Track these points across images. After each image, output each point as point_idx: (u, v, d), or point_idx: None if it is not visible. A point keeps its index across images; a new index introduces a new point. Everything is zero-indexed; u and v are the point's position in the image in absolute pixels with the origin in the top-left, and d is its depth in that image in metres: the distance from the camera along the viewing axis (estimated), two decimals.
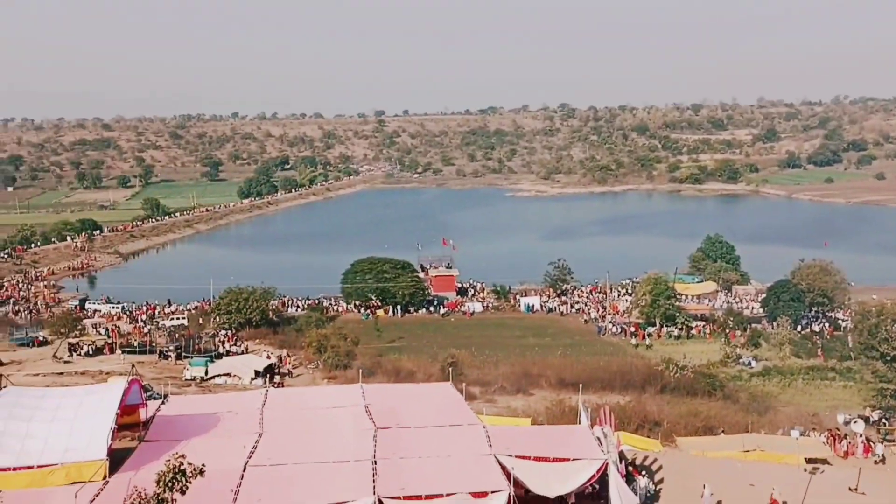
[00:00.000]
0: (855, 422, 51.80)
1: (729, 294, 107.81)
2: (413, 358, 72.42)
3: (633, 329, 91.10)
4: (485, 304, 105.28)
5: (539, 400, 57.24)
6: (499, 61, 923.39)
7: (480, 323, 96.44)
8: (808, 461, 40.63)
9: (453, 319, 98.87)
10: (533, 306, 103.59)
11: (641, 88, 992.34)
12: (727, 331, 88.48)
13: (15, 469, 27.63)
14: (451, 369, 53.34)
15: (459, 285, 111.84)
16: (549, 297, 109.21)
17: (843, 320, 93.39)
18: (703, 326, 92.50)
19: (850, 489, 36.12)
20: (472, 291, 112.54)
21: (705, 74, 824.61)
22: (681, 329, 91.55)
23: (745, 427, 49.42)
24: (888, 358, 52.46)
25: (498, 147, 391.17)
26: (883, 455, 44.75)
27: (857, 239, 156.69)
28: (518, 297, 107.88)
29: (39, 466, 28.14)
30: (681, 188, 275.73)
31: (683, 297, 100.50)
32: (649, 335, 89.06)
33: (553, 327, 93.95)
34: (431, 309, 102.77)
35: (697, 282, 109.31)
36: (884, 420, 54.10)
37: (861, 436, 47.11)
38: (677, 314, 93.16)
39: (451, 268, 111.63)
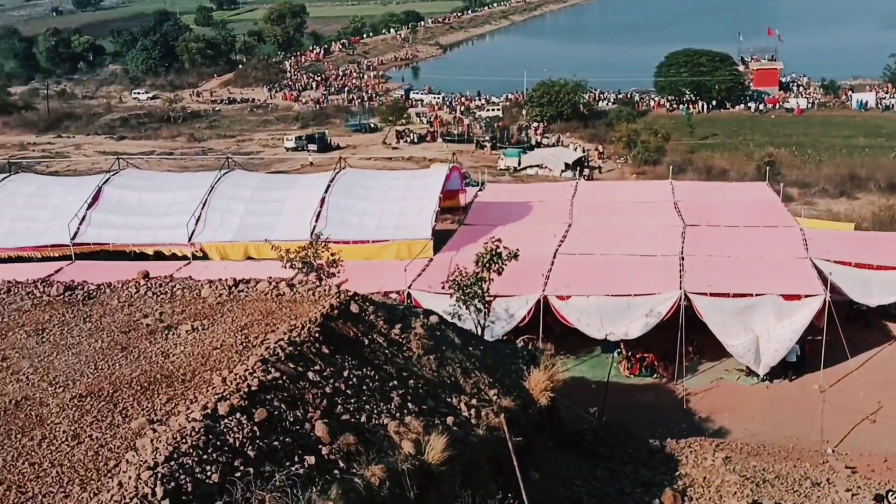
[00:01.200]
0: None
1: None
2: (727, 156, 69.63)
3: None
4: (810, 101, 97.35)
5: (865, 204, 53.19)
6: None
7: (804, 121, 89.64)
8: None
9: (774, 116, 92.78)
10: (867, 103, 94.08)
11: None
12: None
13: (354, 242, 31.03)
14: (768, 168, 50.75)
15: (783, 80, 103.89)
16: (887, 93, 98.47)
17: None
18: None
19: None
20: (797, 86, 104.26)
21: None
22: None
23: None
24: None
25: None
26: None
27: None
28: (850, 92, 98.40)
29: (374, 242, 31.41)
30: None
31: None
32: None
33: (889, 127, 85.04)
34: (751, 105, 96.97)
35: None
36: None
37: None
38: None
39: (774, 60, 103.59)
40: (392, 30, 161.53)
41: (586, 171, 65.64)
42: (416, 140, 79.26)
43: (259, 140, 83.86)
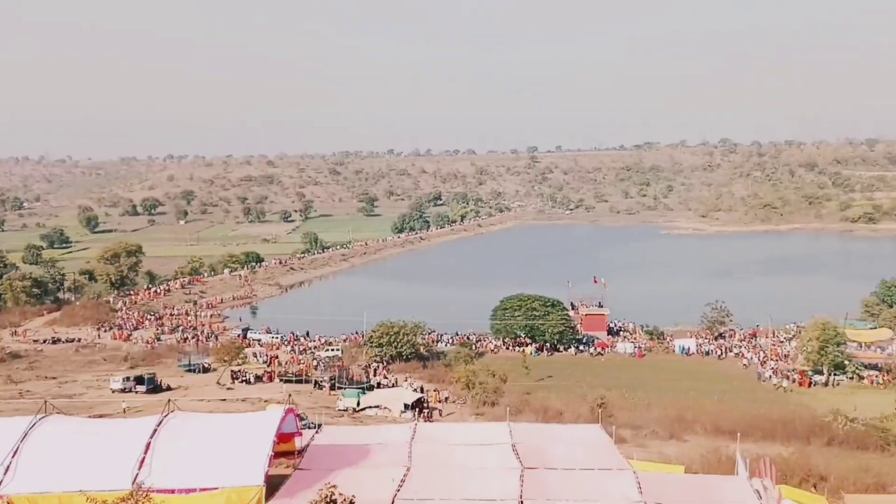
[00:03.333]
0: None
1: None
2: (562, 397, 71.67)
3: (797, 376, 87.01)
4: (637, 345, 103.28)
5: (693, 447, 55.35)
6: (655, 96, 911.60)
7: (632, 364, 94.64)
8: None
9: (603, 359, 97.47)
10: (688, 349, 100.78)
11: (810, 123, 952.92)
12: None
13: (180, 491, 29.30)
14: (600, 410, 52.60)
15: (610, 325, 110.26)
16: (705, 339, 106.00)
17: None
18: (877, 376, 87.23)
19: None
20: (624, 331, 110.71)
21: (882, 109, 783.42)
22: (851, 378, 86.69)
23: None
24: None
25: (654, 183, 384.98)
26: None
27: None
28: (672, 338, 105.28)
29: (202, 490, 29.76)
30: (853, 228, 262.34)
31: (855, 344, 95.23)
32: (815, 384, 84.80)
33: (709, 371, 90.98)
34: (581, 348, 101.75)
35: (871, 328, 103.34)
36: None
37: None
38: (847, 362, 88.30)
39: (601, 307, 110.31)
40: (232, 270, 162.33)
41: (426, 412, 65.81)
42: (251, 381, 77.69)
43: (83, 382, 79.62)
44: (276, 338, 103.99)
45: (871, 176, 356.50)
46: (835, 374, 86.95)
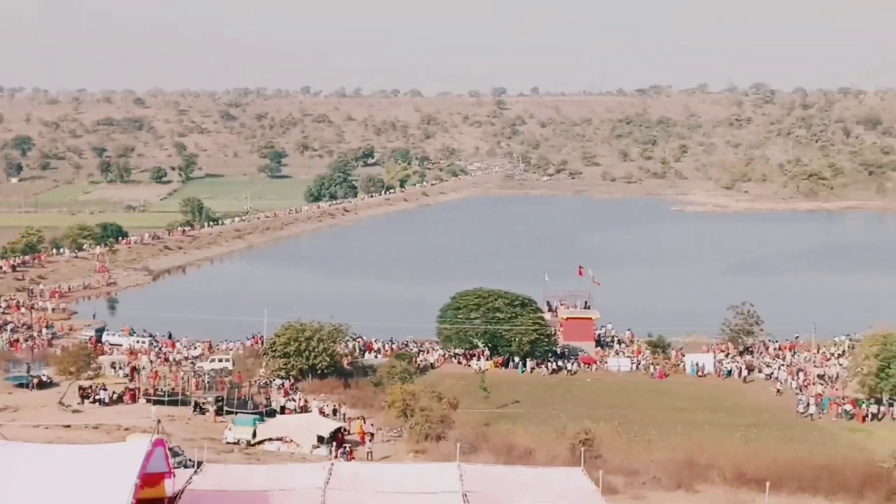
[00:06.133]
0: None
1: None
2: (532, 430, 72.19)
3: (849, 407, 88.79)
4: (635, 361, 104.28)
5: (708, 500, 56.35)
6: (666, 23, 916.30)
7: (628, 387, 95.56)
8: None
9: (590, 380, 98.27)
10: (703, 367, 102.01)
11: (872, 65, 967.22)
12: None
13: None
14: (584, 450, 53.01)
15: (599, 332, 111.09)
16: (727, 355, 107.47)
17: None
18: None
19: None
20: (618, 343, 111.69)
21: None
22: None
23: None
24: None
25: (662, 142, 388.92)
26: None
27: None
28: (682, 353, 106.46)
29: None
30: None
31: None
32: (874, 417, 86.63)
33: (731, 399, 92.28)
34: (560, 364, 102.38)
35: None
36: None
37: None
38: None
39: (588, 308, 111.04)
40: (83, 248, 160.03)
41: (346, 448, 65.76)
42: (107, 401, 76.87)
43: None
44: (143, 342, 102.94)
45: None
46: None
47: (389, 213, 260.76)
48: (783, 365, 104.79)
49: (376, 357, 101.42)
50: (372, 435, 70.21)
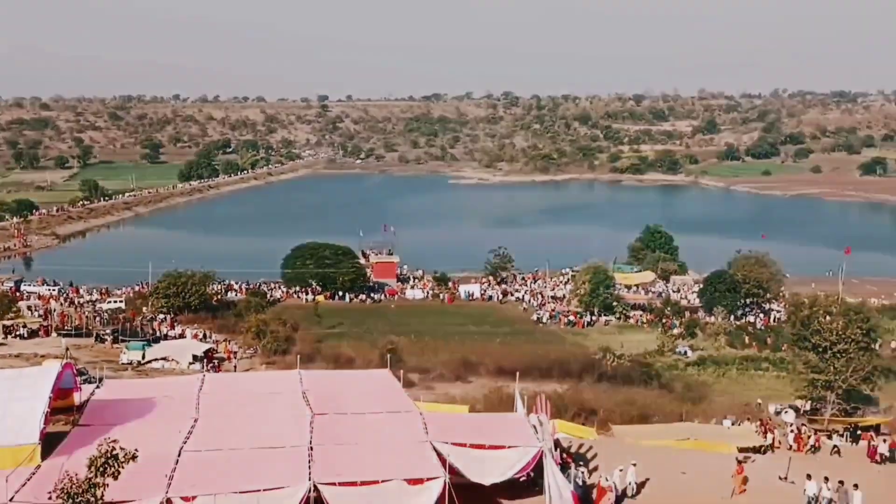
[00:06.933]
0: (786, 412, 53.10)
1: (667, 284, 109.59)
2: (353, 344, 72.22)
3: (571, 318, 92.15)
4: (425, 292, 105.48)
5: (477, 387, 57.61)
6: (443, 48, 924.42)
7: (420, 310, 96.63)
8: (741, 450, 41.34)
9: (394, 306, 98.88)
10: (473, 294, 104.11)
11: (584, 78, 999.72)
12: (664, 320, 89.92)
13: None
14: (390, 356, 53.24)
15: (400, 272, 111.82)
16: (489, 284, 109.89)
17: (777, 311, 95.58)
18: (641, 316, 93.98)
19: (780, 478, 36.83)
20: (413, 278, 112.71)
21: (648, 65, 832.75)
22: (619, 318, 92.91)
23: (679, 416, 50.23)
24: (820, 349, 53.48)
25: (441, 134, 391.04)
26: (837, 447, 44.98)
27: (793, 231, 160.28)
28: (458, 284, 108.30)
29: None
30: (622, 178, 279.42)
31: (622, 286, 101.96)
32: (588, 324, 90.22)
33: (493, 315, 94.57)
34: (372, 295, 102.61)
35: (636, 272, 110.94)
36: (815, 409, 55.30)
37: (791, 425, 48.21)
38: (616, 303, 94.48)
39: (392, 254, 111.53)
40: (3, 219, 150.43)
41: (215, 363, 64.31)
42: (26, 335, 72.63)
43: None
44: (53, 290, 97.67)
45: (638, 129, 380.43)
46: (605, 315, 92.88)
47: (244, 189, 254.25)
48: (527, 290, 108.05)
49: (236, 295, 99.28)
50: (235, 353, 68.93)
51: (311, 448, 28.86)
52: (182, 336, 74.63)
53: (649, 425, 47.22)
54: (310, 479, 26.44)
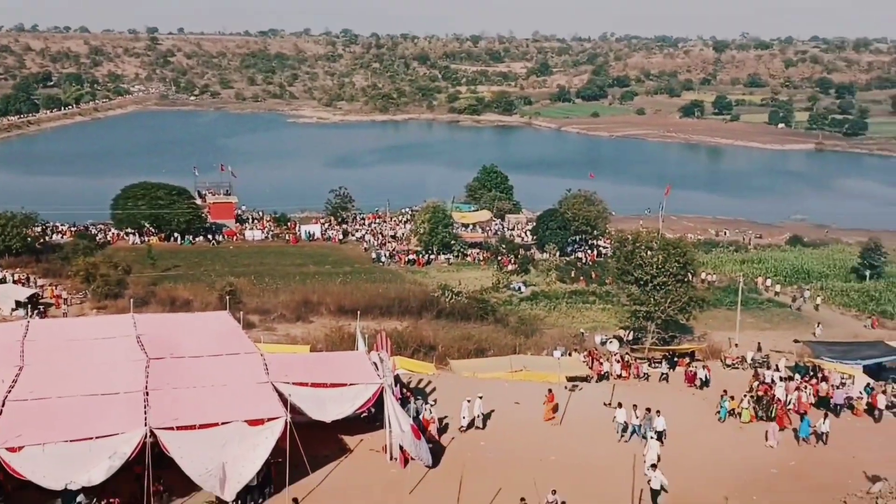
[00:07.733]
0: (610, 342, 56.04)
1: (502, 222, 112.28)
2: (189, 287, 70.22)
3: (411, 256, 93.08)
4: (265, 233, 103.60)
5: (318, 327, 57.49)
6: None
7: (260, 251, 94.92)
8: (569, 379, 43.41)
9: (232, 248, 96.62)
10: (313, 234, 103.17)
11: (423, 17, 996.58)
12: (500, 258, 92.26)
13: None
14: (228, 298, 52.29)
15: (238, 213, 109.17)
16: (329, 224, 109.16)
17: (604, 247, 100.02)
18: (478, 254, 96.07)
19: (604, 404, 39.25)
20: (252, 219, 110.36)
21: (484, 5, 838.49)
22: (457, 256, 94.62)
23: (513, 349, 52.06)
24: (641, 282, 56.59)
25: (279, 71, 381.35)
26: (665, 374, 47.66)
27: (619, 170, 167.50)
28: (298, 224, 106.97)
29: None
30: (459, 118, 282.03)
31: (460, 225, 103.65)
32: (427, 262, 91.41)
33: (333, 255, 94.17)
34: (209, 237, 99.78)
35: (473, 210, 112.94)
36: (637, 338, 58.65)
37: (616, 354, 50.98)
38: (454, 242, 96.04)
39: (229, 195, 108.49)
40: None
41: (41, 309, 61.07)
42: None
43: None
44: None
45: (475, 70, 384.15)
46: (443, 254, 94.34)
47: (68, 125, 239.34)
48: (368, 230, 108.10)
49: (62, 238, 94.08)
50: (63, 298, 65.64)
51: (147, 393, 28.08)
52: (3, 281, 70.23)
53: (485, 359, 48.67)
54: (146, 425, 25.77)
